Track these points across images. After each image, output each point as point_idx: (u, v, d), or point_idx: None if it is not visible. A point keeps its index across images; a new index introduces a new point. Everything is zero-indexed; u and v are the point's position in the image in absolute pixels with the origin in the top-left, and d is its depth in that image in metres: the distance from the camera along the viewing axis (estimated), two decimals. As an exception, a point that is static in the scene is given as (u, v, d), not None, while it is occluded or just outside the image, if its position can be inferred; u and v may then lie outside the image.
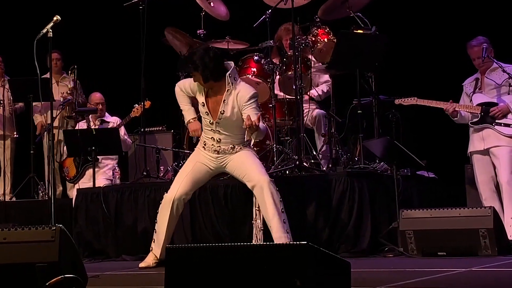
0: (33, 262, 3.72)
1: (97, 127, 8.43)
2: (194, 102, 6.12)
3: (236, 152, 5.84)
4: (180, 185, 5.85)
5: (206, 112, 5.78)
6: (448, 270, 4.76)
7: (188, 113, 6.04)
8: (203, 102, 5.79)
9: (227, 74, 5.70)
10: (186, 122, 6.09)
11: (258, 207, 5.90)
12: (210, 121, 5.79)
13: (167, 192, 5.93)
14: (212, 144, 5.85)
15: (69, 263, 3.78)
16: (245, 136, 5.81)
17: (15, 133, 9.00)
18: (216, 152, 5.85)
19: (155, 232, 5.95)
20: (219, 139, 5.82)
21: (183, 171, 5.95)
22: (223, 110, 5.73)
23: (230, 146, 5.84)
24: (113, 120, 8.64)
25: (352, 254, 6.16)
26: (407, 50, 8.44)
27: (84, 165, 8.29)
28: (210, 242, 6.56)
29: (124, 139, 8.42)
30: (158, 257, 5.89)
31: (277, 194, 5.71)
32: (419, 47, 8.61)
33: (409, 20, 8.68)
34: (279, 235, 5.63)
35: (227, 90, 5.72)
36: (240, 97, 5.70)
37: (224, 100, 5.72)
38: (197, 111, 6.11)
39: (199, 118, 6.07)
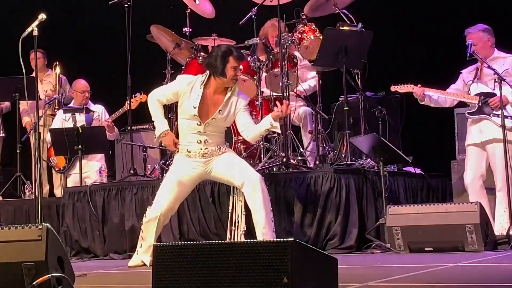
0: (20, 261, 3.70)
1: (83, 114, 8.39)
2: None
3: (222, 152, 5.82)
4: (165, 202, 5.76)
5: (194, 115, 5.72)
6: (435, 266, 4.77)
7: (162, 125, 5.84)
8: (194, 105, 5.71)
9: None
10: (159, 133, 5.84)
11: (244, 211, 5.89)
12: (197, 122, 5.73)
13: (150, 206, 5.85)
14: (199, 148, 5.77)
15: (56, 262, 3.77)
16: (267, 125, 5.73)
17: (1, 132, 8.93)
18: (204, 155, 5.78)
19: (142, 238, 5.88)
20: (206, 140, 5.76)
21: (167, 185, 5.81)
22: (221, 110, 5.72)
23: (217, 146, 5.81)
24: (97, 109, 8.55)
25: (339, 250, 6.17)
26: (393, 46, 8.46)
27: (73, 155, 8.22)
28: (197, 239, 6.56)
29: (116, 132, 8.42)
30: (148, 264, 5.80)
31: (267, 192, 5.73)
32: (406, 42, 8.64)
33: (394, 16, 8.71)
34: (265, 232, 5.61)
35: (230, 91, 5.76)
36: (239, 102, 5.78)
37: (226, 101, 5.73)
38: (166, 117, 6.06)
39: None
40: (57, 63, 8.78)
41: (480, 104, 6.49)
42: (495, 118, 6.43)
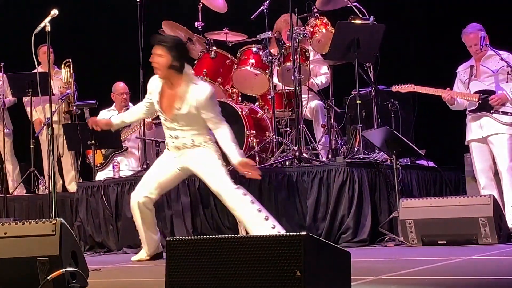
0: (34, 256, 3.72)
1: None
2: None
3: (197, 147, 5.65)
4: (143, 186, 5.79)
5: (159, 109, 5.68)
6: (448, 259, 4.77)
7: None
8: (157, 101, 5.66)
9: (184, 70, 5.56)
10: None
11: None
12: (164, 118, 5.67)
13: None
14: (173, 142, 5.70)
15: (70, 257, 3.79)
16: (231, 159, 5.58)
17: (6, 127, 8.84)
18: (177, 148, 5.70)
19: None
20: (176, 136, 5.66)
21: (148, 172, 5.90)
22: (179, 107, 5.56)
23: (190, 139, 5.64)
24: None
25: (352, 244, 6.17)
26: (405, 39, 8.44)
27: (112, 153, 8.28)
28: (210, 234, 6.57)
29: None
30: (148, 254, 5.88)
31: (244, 198, 5.54)
32: (416, 35, 8.62)
33: (404, 9, 8.70)
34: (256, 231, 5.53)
35: (184, 86, 5.54)
36: (198, 98, 5.51)
37: (180, 97, 5.55)
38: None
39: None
40: (70, 60, 8.80)
41: (480, 102, 6.60)
42: (496, 115, 6.58)
